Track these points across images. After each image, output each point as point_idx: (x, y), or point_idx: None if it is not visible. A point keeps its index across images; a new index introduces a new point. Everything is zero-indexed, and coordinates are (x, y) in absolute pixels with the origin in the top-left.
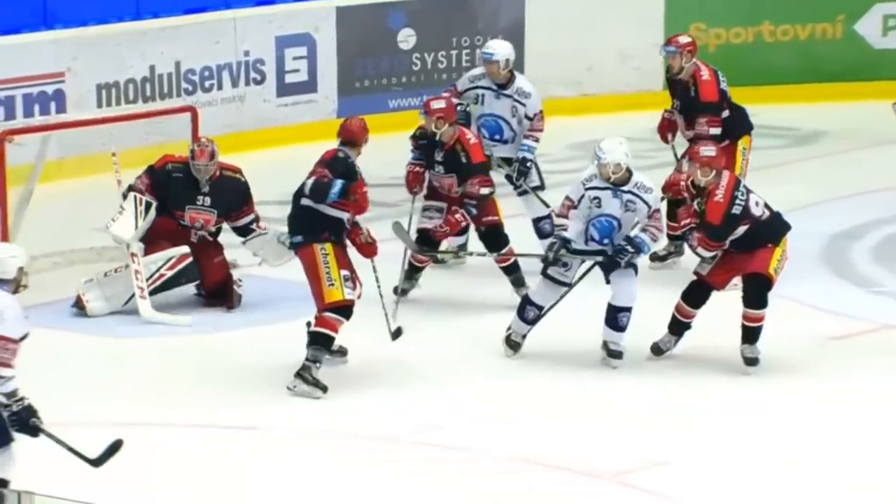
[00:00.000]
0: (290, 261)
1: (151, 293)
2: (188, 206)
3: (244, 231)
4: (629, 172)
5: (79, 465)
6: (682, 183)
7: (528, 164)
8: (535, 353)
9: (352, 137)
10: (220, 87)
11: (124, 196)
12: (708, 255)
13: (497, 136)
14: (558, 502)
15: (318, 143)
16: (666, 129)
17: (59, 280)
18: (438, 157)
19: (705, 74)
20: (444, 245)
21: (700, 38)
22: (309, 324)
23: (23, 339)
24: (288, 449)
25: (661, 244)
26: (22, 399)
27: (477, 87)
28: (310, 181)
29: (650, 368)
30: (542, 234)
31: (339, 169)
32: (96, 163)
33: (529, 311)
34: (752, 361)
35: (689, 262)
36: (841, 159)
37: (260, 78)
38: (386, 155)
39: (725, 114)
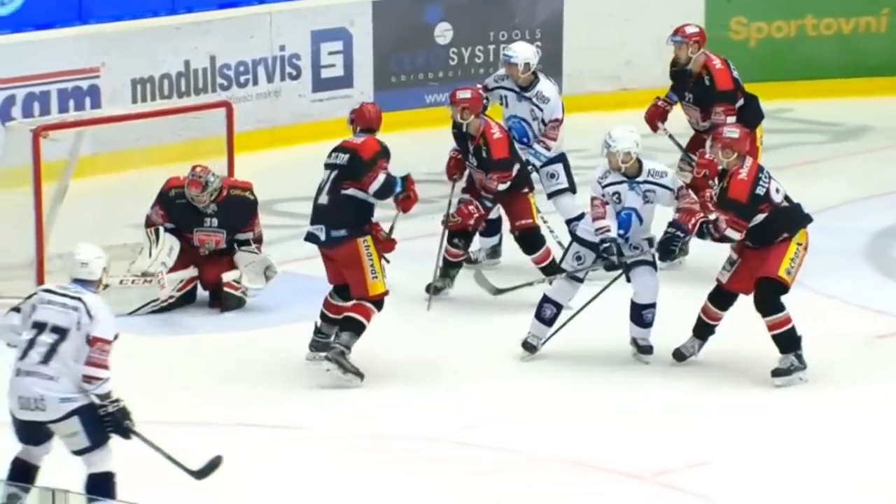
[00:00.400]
0: (260, 291)
1: (158, 311)
2: (196, 228)
3: (240, 244)
4: (639, 162)
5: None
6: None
7: (530, 167)
8: (566, 355)
9: (371, 124)
10: (255, 83)
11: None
12: (737, 236)
13: (524, 139)
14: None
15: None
16: (655, 116)
17: None
18: (470, 149)
19: (717, 63)
20: (474, 245)
21: (741, 33)
22: (317, 324)
23: (115, 339)
24: (303, 449)
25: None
26: (117, 401)
27: (502, 88)
28: (380, 177)
29: (681, 368)
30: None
31: (388, 160)
32: (130, 159)
33: (546, 310)
34: (777, 372)
35: (694, 260)
36: (884, 155)
37: (295, 73)
38: (422, 150)
39: (740, 102)
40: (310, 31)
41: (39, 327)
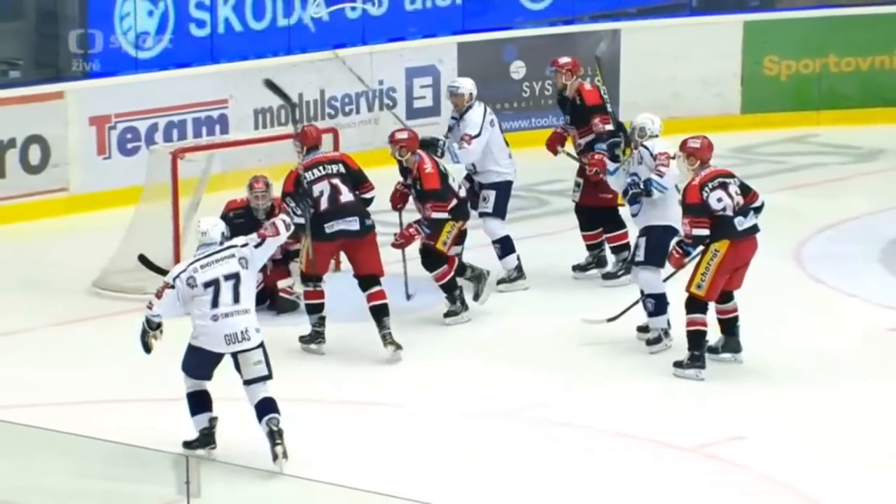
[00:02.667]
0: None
1: None
2: None
3: (288, 256)
4: (639, 140)
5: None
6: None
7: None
8: (615, 339)
9: (316, 143)
10: (357, 112)
11: None
12: (704, 232)
13: (456, 161)
14: (648, 470)
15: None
16: (555, 142)
17: None
18: (409, 181)
19: (587, 86)
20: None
21: (773, 69)
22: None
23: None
24: (401, 424)
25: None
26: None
27: (453, 118)
28: (374, 191)
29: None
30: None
31: None
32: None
33: (648, 304)
34: (675, 363)
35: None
36: None
37: (392, 103)
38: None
39: (610, 126)
40: (404, 68)
41: (214, 283)
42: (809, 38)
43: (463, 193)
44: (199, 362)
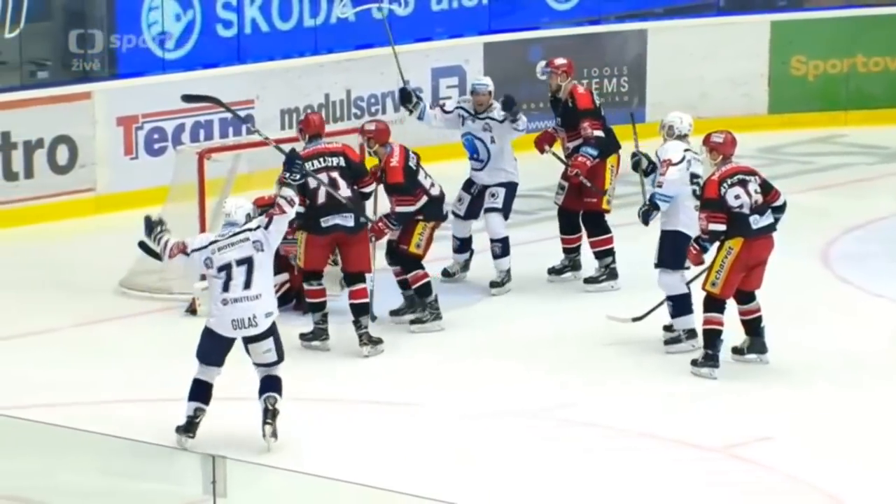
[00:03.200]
0: (336, 297)
1: None
2: (282, 242)
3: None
4: (668, 139)
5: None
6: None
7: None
8: (643, 340)
9: (318, 130)
10: (383, 112)
11: None
12: (721, 227)
13: (474, 154)
14: (672, 470)
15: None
16: (543, 140)
17: None
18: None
19: (581, 89)
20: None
21: (801, 69)
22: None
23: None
24: (420, 423)
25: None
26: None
27: (461, 109)
28: (373, 185)
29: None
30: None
31: None
32: None
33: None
34: (693, 361)
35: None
36: None
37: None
38: (522, 167)
39: (599, 133)
40: (430, 69)
41: (227, 268)
42: (837, 37)
43: (437, 192)
44: (211, 346)
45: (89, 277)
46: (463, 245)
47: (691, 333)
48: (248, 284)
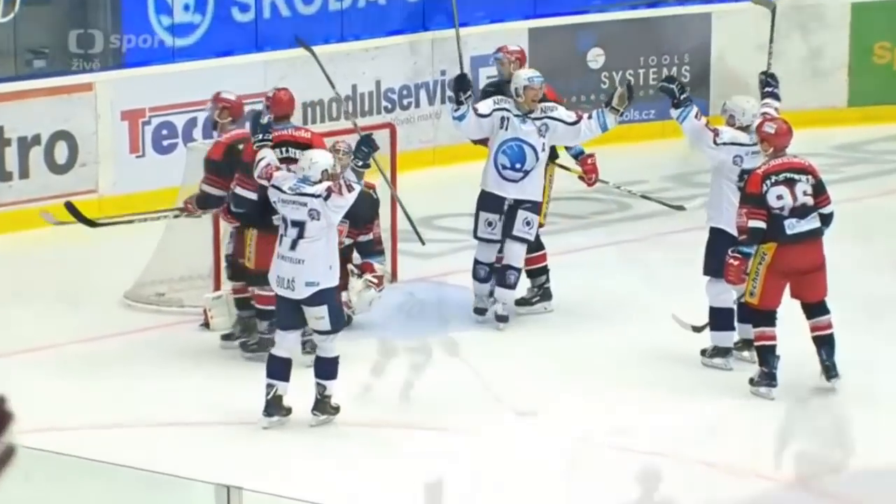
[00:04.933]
0: (363, 313)
1: None
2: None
3: (363, 248)
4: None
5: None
6: None
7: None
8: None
9: (286, 110)
10: (417, 105)
11: None
12: (761, 224)
13: (517, 164)
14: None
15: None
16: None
17: None
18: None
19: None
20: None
21: (884, 57)
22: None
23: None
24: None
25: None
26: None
27: (502, 110)
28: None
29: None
30: None
31: None
32: None
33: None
34: (750, 380)
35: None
36: None
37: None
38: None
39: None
40: (469, 57)
41: (283, 221)
42: None
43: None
44: (279, 305)
45: (91, 289)
46: (490, 273)
47: (725, 352)
48: (293, 246)
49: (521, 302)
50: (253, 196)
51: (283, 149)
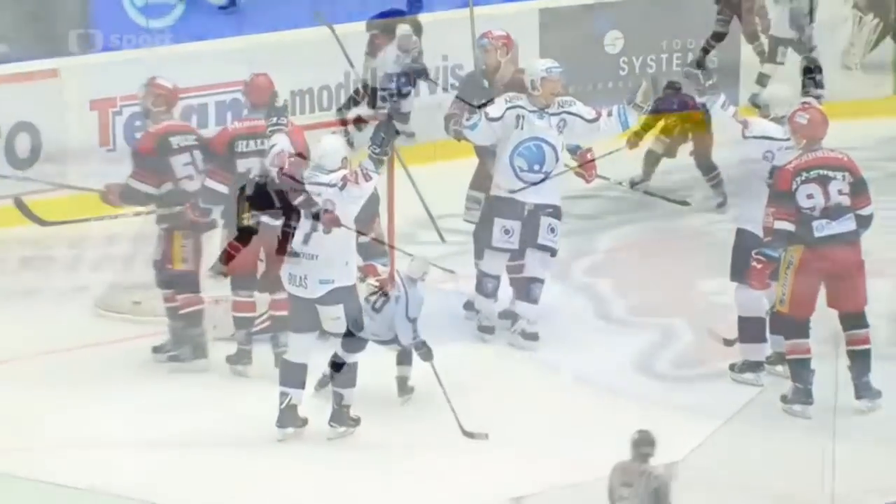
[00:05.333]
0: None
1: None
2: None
3: (365, 249)
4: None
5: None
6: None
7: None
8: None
9: (264, 98)
10: (417, 95)
11: None
12: (787, 227)
13: (536, 166)
14: None
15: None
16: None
17: None
18: None
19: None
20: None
21: None
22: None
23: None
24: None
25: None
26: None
27: (517, 108)
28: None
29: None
30: None
31: None
32: None
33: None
34: (782, 398)
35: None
36: None
37: (458, 83)
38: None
39: None
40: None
41: (294, 212)
42: None
43: (193, 187)
44: (292, 305)
45: (58, 296)
46: (498, 286)
47: (756, 366)
48: (306, 240)
49: (506, 315)
50: (224, 190)
51: (254, 140)
